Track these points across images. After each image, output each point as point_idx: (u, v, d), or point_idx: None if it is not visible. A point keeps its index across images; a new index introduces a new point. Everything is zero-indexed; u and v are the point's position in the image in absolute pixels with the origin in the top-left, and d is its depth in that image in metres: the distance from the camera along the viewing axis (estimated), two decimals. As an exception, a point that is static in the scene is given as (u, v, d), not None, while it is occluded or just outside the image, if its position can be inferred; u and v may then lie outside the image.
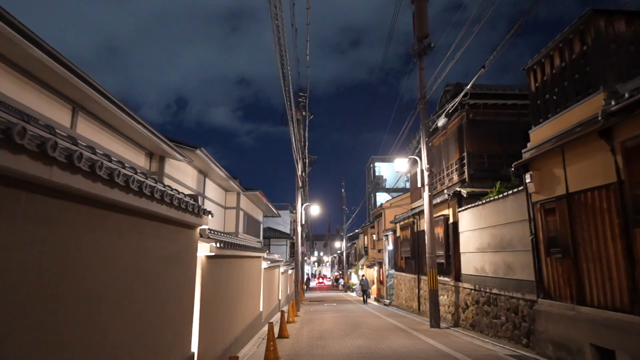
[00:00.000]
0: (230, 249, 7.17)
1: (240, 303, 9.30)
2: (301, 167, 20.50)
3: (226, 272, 7.75)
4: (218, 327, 7.03)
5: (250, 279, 11.00)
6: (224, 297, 7.57)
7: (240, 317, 9.25)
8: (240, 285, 9.15)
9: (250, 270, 10.86)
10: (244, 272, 9.80)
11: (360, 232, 40.49)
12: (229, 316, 8.01)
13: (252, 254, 10.41)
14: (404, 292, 19.35)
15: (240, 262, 9.15)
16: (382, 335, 10.73)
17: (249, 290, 10.74)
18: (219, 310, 7.14)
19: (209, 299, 6.41)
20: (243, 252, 8.82)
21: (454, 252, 12.72)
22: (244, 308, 9.81)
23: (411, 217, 18.13)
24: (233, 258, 8.22)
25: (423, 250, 16.19)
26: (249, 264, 10.55)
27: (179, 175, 13.61)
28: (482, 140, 12.91)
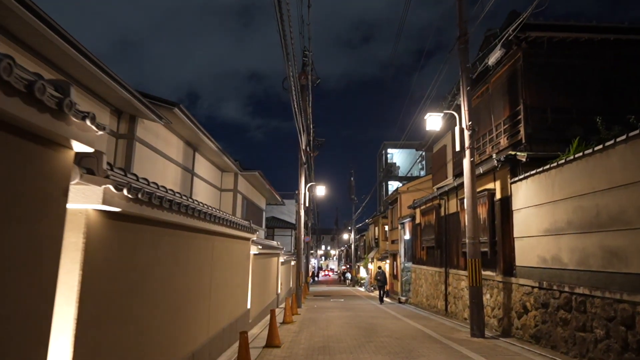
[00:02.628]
0: (159, 209, 4.13)
1: (205, 301, 6.29)
2: (305, 140, 17.44)
3: (148, 252, 4.70)
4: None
5: (229, 268, 8.00)
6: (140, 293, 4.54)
7: (204, 321, 6.25)
8: (201, 275, 6.13)
9: (227, 254, 7.86)
10: (213, 257, 6.78)
11: (370, 222, 37.40)
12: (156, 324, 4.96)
13: (228, 230, 7.40)
14: (425, 289, 16.27)
15: (200, 240, 6.12)
16: (409, 349, 7.67)
17: (226, 281, 7.74)
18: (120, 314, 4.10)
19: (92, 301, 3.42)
20: (204, 223, 5.79)
21: (503, 237, 9.59)
22: (214, 307, 6.81)
23: (436, 199, 15.00)
24: (173, 229, 5.17)
25: (453, 238, 13.09)
26: (224, 245, 7.54)
27: (159, 144, 10.74)
28: (544, 89, 9.71)
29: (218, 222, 6.67)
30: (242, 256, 9.42)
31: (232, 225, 7.68)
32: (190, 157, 13.53)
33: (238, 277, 8.91)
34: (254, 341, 8.59)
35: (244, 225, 8.81)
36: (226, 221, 7.09)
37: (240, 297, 9.13)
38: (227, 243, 7.85)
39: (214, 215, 6.19)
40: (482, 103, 11.85)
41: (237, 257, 8.80)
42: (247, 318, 9.77)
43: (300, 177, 17.01)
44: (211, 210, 6.23)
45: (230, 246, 8.16)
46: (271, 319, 8.23)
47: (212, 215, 6.04)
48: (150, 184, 4.06)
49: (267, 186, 22.49)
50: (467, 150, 9.63)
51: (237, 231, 8.31)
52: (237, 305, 8.82)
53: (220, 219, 6.70)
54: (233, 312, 8.34)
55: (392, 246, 24.96)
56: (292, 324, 11.40)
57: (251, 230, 9.84)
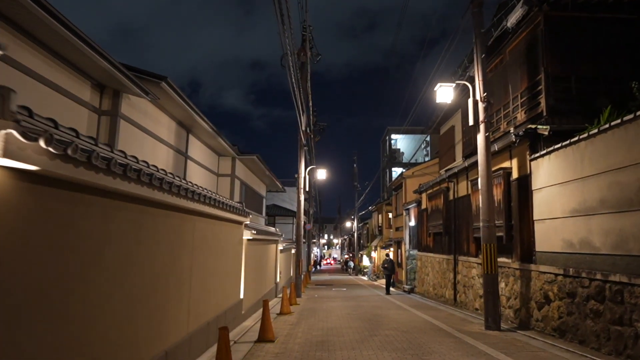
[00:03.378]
0: (107, 175, 3.26)
1: (183, 291, 5.45)
2: (305, 120, 16.51)
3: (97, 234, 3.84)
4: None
5: (216, 253, 7.17)
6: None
7: (182, 314, 5.42)
8: (178, 260, 5.28)
9: (214, 238, 7.02)
10: (194, 240, 5.94)
11: (373, 210, 36.55)
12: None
13: (213, 211, 6.55)
14: (432, 277, 15.44)
15: (175, 220, 5.26)
16: (419, 344, 6.84)
17: (212, 268, 6.92)
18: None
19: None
20: (179, 200, 4.93)
21: (520, 220, 8.71)
22: (196, 298, 5.98)
23: (444, 182, 14.09)
24: (134, 203, 4.32)
25: (462, 223, 12.21)
26: (209, 228, 6.70)
27: (148, 123, 9.90)
28: (568, 56, 8.73)
29: (200, 201, 5.81)
30: (233, 241, 8.59)
31: (219, 205, 6.82)
32: (183, 138, 12.68)
33: (228, 264, 8.09)
34: (246, 335, 7.79)
35: (234, 207, 7.97)
36: (211, 200, 6.24)
37: (231, 286, 8.32)
38: (214, 225, 7.00)
39: (193, 191, 5.33)
40: (495, 77, 10.88)
41: (226, 241, 7.97)
42: (239, 309, 8.98)
43: (300, 159, 16.12)
44: (190, 185, 5.37)
45: (218, 229, 7.33)
46: (264, 311, 7.41)
47: (189, 190, 5.18)
48: (100, 146, 3.19)
49: (266, 172, 21.61)
50: (481, 125, 8.70)
51: (226, 213, 7.47)
52: (227, 295, 8.01)
53: (202, 197, 5.84)
54: (222, 302, 7.53)
55: (396, 234, 24.12)
56: (289, 315, 10.61)
57: (244, 213, 9.00)
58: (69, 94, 7.02)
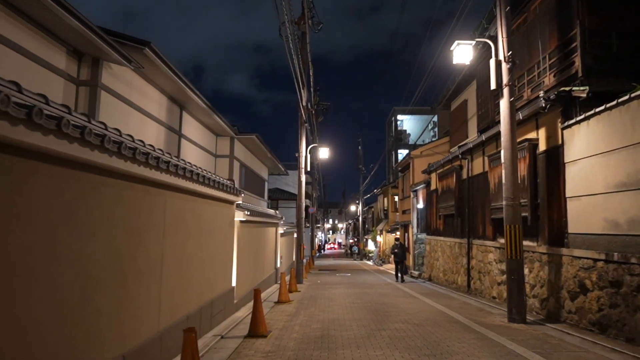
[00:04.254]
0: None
1: (151, 280, 4.45)
2: (306, 95, 15.36)
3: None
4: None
5: (199, 235, 6.16)
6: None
7: (150, 308, 4.43)
8: (141, 243, 4.25)
9: (195, 218, 6.00)
10: (165, 219, 4.92)
11: (379, 193, 35.49)
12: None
13: (193, 186, 5.52)
14: (442, 262, 14.45)
15: (136, 193, 4.22)
16: (435, 340, 5.84)
17: (193, 253, 5.91)
18: None
19: None
20: (139, 168, 3.89)
21: (549, 198, 7.64)
22: (170, 288, 4.99)
23: (457, 160, 12.98)
24: (61, 166, 3.25)
25: (478, 204, 11.15)
26: (187, 206, 5.67)
27: (134, 96, 8.93)
28: (607, 8, 7.52)
29: (172, 172, 4.77)
30: (222, 222, 7.59)
31: (201, 180, 5.79)
32: (176, 115, 11.66)
33: (216, 248, 7.10)
34: (236, 328, 6.84)
35: (221, 184, 6.94)
36: (187, 172, 5.20)
37: (219, 272, 7.35)
38: (195, 203, 5.98)
39: (157, 158, 4.28)
40: (517, 39, 9.65)
41: (213, 223, 6.96)
42: (230, 299, 8.02)
43: (301, 137, 15.03)
44: (155, 151, 4.32)
45: (201, 208, 6.31)
46: (255, 302, 6.43)
47: (151, 156, 4.12)
48: None
49: (268, 154, 20.57)
50: (505, 89, 7.55)
51: (210, 189, 6.44)
52: (215, 283, 7.04)
53: (175, 167, 4.80)
54: (207, 292, 6.56)
55: (403, 217, 23.11)
56: (288, 303, 9.67)
57: (234, 191, 7.98)
58: (40, 60, 6.11)
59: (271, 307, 9.20)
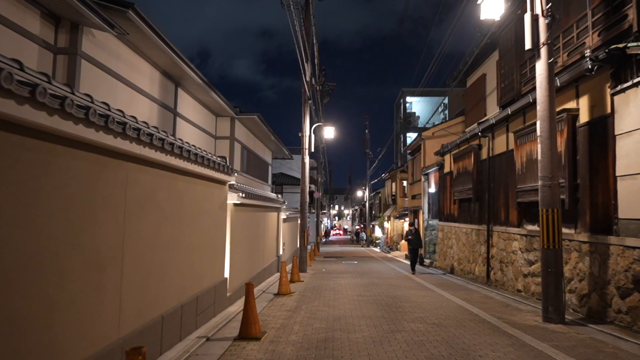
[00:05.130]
0: None
1: (109, 275, 3.43)
2: (310, 70, 14.20)
3: None
4: None
5: (178, 219, 5.14)
6: None
7: (107, 309, 3.41)
8: (89, 229, 3.21)
9: (172, 199, 4.96)
10: (127, 198, 3.88)
11: (386, 177, 34.35)
12: None
13: (167, 160, 4.47)
14: (457, 251, 13.40)
15: (82, 163, 3.15)
16: (463, 348, 4.81)
17: (171, 239, 4.90)
18: None
19: None
20: (90, 133, 2.84)
21: (592, 177, 6.52)
22: (136, 283, 3.98)
23: (475, 139, 11.83)
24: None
25: (500, 186, 10.05)
26: (160, 183, 4.62)
27: (122, 68, 7.95)
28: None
29: (134, 139, 3.73)
30: (211, 205, 6.56)
31: (177, 152, 4.74)
32: (171, 92, 10.64)
33: (203, 234, 6.09)
34: (226, 327, 5.87)
35: (209, 159, 5.89)
36: (158, 140, 4.15)
37: (207, 262, 6.35)
38: (171, 181, 4.95)
39: (110, 118, 3.23)
40: None
41: (199, 205, 5.94)
42: (222, 292, 7.05)
43: (305, 115, 13.91)
44: (102, 107, 3.26)
45: (182, 187, 5.28)
46: (247, 299, 5.43)
47: (99, 114, 3.07)
48: None
49: (271, 136, 19.52)
50: (542, 48, 6.38)
51: (194, 165, 5.40)
52: (202, 274, 6.05)
53: (137, 133, 3.75)
54: (190, 285, 5.57)
55: (412, 202, 22.03)
56: (289, 296, 8.71)
57: (226, 169, 6.94)
58: (9, 23, 5.09)
59: (270, 300, 8.25)
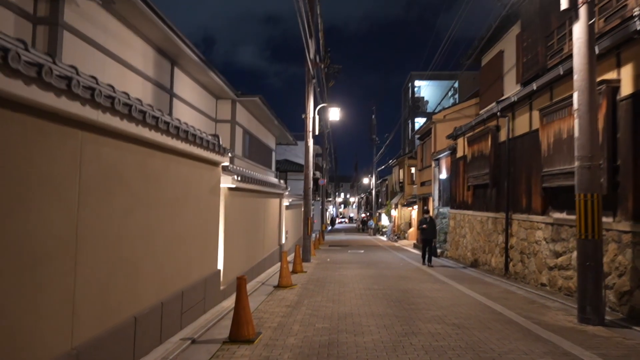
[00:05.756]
0: None
1: (56, 271, 2.68)
2: (314, 46, 13.30)
3: None
4: None
5: (148, 203, 4.36)
6: None
7: (53, 314, 2.66)
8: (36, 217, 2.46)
9: (142, 178, 4.17)
10: (82, 175, 3.10)
11: (394, 164, 33.44)
12: None
13: (140, 132, 3.67)
14: (470, 240, 12.61)
15: (42, 134, 2.38)
16: (492, 356, 4.03)
17: (145, 226, 4.14)
18: None
19: None
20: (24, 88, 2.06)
21: (635, 159, 5.67)
22: (95, 280, 3.23)
23: (493, 119, 10.95)
24: None
25: (521, 170, 9.20)
26: (129, 159, 3.82)
27: (111, 43, 7.42)
28: None
29: (88, 100, 2.95)
30: (200, 188, 5.80)
31: (151, 122, 3.96)
32: (166, 72, 9.88)
33: (190, 221, 5.34)
34: (216, 326, 5.16)
35: (194, 135, 5.11)
36: (122, 106, 3.36)
37: (197, 252, 5.62)
38: (146, 158, 4.17)
39: (52, 72, 2.44)
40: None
41: (185, 188, 5.17)
42: (214, 285, 6.32)
43: (308, 95, 13.05)
44: (43, 57, 2.47)
45: (160, 166, 4.51)
46: (239, 295, 4.68)
47: (34, 64, 2.27)
48: None
49: (275, 121, 18.72)
50: (581, 7, 5.49)
51: (174, 141, 4.62)
52: (189, 266, 5.32)
53: (91, 93, 2.96)
54: (173, 279, 4.83)
55: (421, 189, 21.20)
56: (290, 289, 7.99)
57: (218, 148, 6.16)
58: None
59: (269, 293, 7.53)
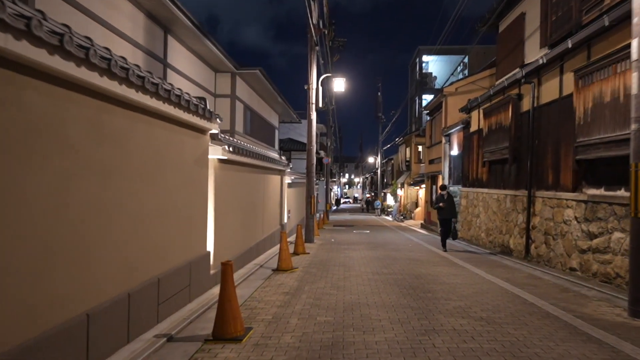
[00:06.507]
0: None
1: None
2: (317, 11, 12.21)
3: None
4: None
5: (101, 172, 3.49)
6: None
7: None
8: None
9: (97, 140, 3.27)
10: None
11: (400, 142, 32.39)
12: None
13: (88, 78, 2.75)
14: (485, 219, 11.74)
15: None
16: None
17: (95, 204, 3.27)
18: None
19: None
20: None
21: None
22: (18, 284, 2.39)
23: (514, 87, 9.94)
24: None
25: (548, 143, 8.28)
26: (70, 113, 2.92)
27: (93, 4, 6.18)
28: None
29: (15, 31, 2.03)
30: (182, 158, 4.92)
31: (103, 67, 3.05)
32: (159, 39, 8.96)
33: (170, 196, 4.48)
34: (200, 319, 4.36)
35: (168, 90, 4.19)
36: (59, 38, 2.44)
37: (180, 232, 4.78)
38: (99, 113, 3.27)
39: None
40: None
41: (158, 155, 4.29)
42: (202, 269, 5.50)
43: (311, 64, 12.02)
44: None
45: (120, 126, 3.61)
46: (223, 284, 3.85)
47: None
48: None
49: (278, 97, 17.72)
50: None
51: (140, 94, 3.72)
52: (169, 249, 4.48)
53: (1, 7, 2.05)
54: (146, 266, 4.00)
55: (430, 167, 20.26)
56: (290, 272, 7.19)
57: (204, 112, 5.25)
58: None
59: (266, 277, 6.74)
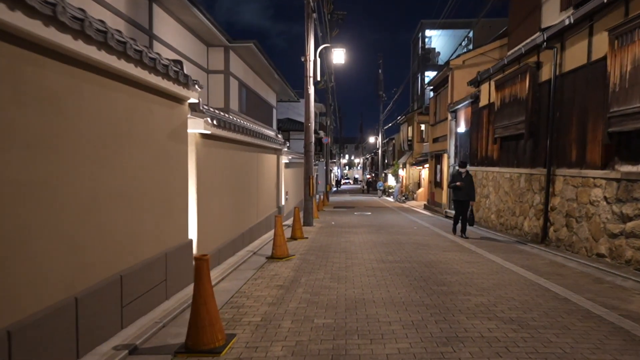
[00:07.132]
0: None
1: None
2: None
3: None
4: None
5: (25, 145, 2.68)
6: None
7: None
8: None
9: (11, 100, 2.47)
10: None
11: (402, 121, 31.41)
12: None
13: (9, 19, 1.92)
14: (495, 200, 10.97)
15: None
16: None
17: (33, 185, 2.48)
18: None
19: None
20: None
21: None
22: None
23: (532, 54, 9.03)
24: None
25: (571, 116, 7.45)
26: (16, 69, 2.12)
27: None
28: None
29: None
30: (150, 131, 4.09)
31: (35, 7, 2.20)
32: (143, 8, 8.04)
33: (133, 176, 3.68)
34: (179, 319, 3.62)
35: (124, 43, 3.34)
36: None
37: (150, 219, 4.00)
38: (25, 66, 2.45)
39: None
40: None
41: (116, 127, 3.45)
42: (182, 262, 4.74)
43: (308, 33, 11.05)
44: None
45: (63, 86, 2.77)
46: (197, 284, 3.10)
47: None
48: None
49: (275, 74, 16.71)
50: None
51: (89, 47, 2.87)
52: (134, 240, 3.70)
53: None
54: (104, 261, 3.22)
55: (434, 146, 19.39)
56: (286, 260, 6.45)
57: (177, 75, 4.39)
58: None
59: (259, 266, 6.01)
